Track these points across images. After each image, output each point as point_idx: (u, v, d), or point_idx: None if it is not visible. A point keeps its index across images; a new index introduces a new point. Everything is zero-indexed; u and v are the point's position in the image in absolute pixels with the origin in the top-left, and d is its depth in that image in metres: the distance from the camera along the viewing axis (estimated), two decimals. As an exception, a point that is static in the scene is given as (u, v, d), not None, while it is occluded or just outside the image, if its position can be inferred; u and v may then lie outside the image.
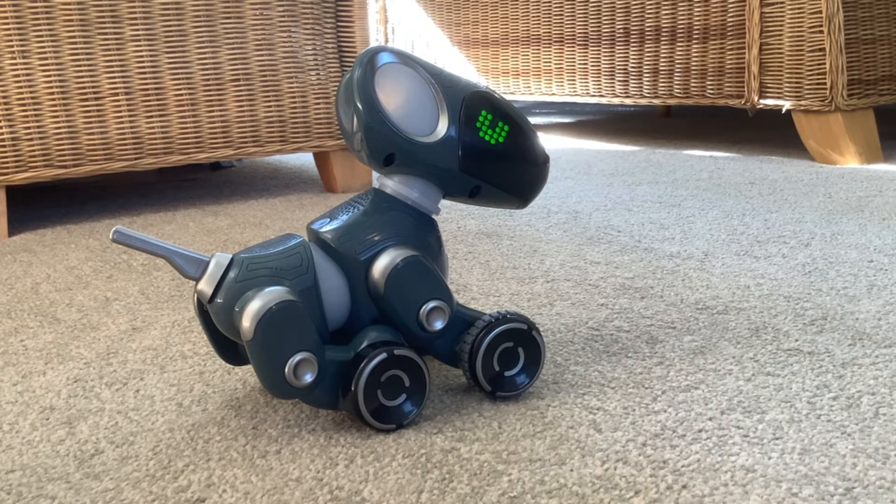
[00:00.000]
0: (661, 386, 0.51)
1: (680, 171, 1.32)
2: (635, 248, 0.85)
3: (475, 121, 0.50)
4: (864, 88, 1.28)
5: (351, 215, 0.50)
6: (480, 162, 0.50)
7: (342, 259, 0.49)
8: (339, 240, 0.49)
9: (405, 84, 0.49)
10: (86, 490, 0.42)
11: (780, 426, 0.45)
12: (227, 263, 0.47)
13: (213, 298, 0.46)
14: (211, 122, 1.14)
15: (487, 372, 0.49)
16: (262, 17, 1.16)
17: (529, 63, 1.77)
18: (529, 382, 0.51)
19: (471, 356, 0.49)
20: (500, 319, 0.50)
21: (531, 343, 0.50)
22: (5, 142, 1.02)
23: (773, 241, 0.85)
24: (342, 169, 1.25)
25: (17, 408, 0.53)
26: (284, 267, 0.47)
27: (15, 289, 0.80)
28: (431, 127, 0.49)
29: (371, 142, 0.48)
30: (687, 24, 1.44)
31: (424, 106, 0.49)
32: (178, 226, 1.06)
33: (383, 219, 0.49)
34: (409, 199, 0.50)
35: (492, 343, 0.49)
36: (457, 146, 0.49)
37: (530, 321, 0.51)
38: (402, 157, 0.49)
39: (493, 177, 0.51)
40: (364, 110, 0.47)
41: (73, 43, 1.04)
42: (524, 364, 0.50)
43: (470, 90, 0.50)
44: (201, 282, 0.47)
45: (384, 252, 0.48)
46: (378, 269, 0.48)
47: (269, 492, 0.41)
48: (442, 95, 0.49)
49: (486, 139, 0.50)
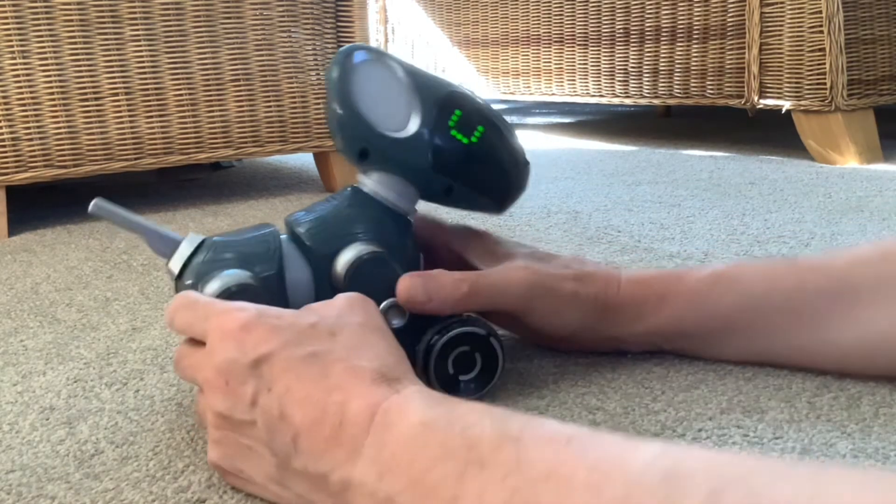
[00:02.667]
0: (660, 386, 0.51)
1: (680, 171, 1.32)
2: (635, 248, 0.85)
3: (447, 119, 0.50)
4: (864, 88, 1.28)
5: (325, 210, 0.51)
6: (452, 161, 0.50)
7: (308, 251, 0.49)
8: (308, 232, 0.49)
9: (378, 81, 0.50)
10: (86, 490, 0.42)
11: (780, 426, 0.45)
12: (196, 245, 0.47)
13: (180, 278, 0.47)
14: (211, 122, 1.14)
15: (441, 374, 0.49)
16: (262, 17, 1.16)
17: (529, 63, 1.77)
18: (483, 390, 0.50)
19: (425, 356, 0.49)
20: (458, 322, 0.49)
21: (488, 349, 0.49)
22: (5, 142, 1.02)
23: (773, 241, 0.85)
24: (342, 169, 1.25)
25: (17, 408, 0.53)
26: (251, 253, 0.48)
27: (15, 289, 0.80)
28: (403, 123, 0.50)
29: (345, 136, 0.49)
30: (687, 24, 1.44)
31: (397, 102, 0.50)
32: (178, 226, 1.06)
33: (354, 214, 0.50)
34: (384, 199, 0.51)
35: (446, 345, 0.49)
36: (428, 143, 0.50)
37: (491, 327, 0.50)
38: (374, 153, 0.49)
39: (465, 177, 0.51)
40: (338, 105, 0.49)
41: (73, 43, 1.04)
42: (480, 370, 0.50)
43: (445, 90, 0.50)
44: (171, 261, 0.48)
45: (349, 246, 0.49)
46: (341, 262, 0.48)
47: (269, 492, 0.41)
48: (416, 93, 0.50)
49: (457, 138, 0.50)
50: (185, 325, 0.43)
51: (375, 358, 0.39)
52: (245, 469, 0.39)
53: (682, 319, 0.52)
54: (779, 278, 0.51)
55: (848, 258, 0.50)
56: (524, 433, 0.31)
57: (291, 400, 0.37)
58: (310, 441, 0.36)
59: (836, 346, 0.49)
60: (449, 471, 0.31)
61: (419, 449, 0.32)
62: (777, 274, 0.52)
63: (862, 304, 0.48)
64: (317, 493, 0.36)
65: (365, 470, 0.34)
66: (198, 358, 0.41)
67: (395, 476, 0.33)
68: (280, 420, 0.36)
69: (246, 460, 0.39)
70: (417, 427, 0.33)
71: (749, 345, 0.52)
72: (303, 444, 0.36)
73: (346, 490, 0.34)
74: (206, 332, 0.40)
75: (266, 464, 0.38)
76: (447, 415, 0.34)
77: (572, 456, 0.29)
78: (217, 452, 0.40)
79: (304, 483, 0.37)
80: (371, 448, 0.34)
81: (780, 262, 0.53)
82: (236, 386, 0.38)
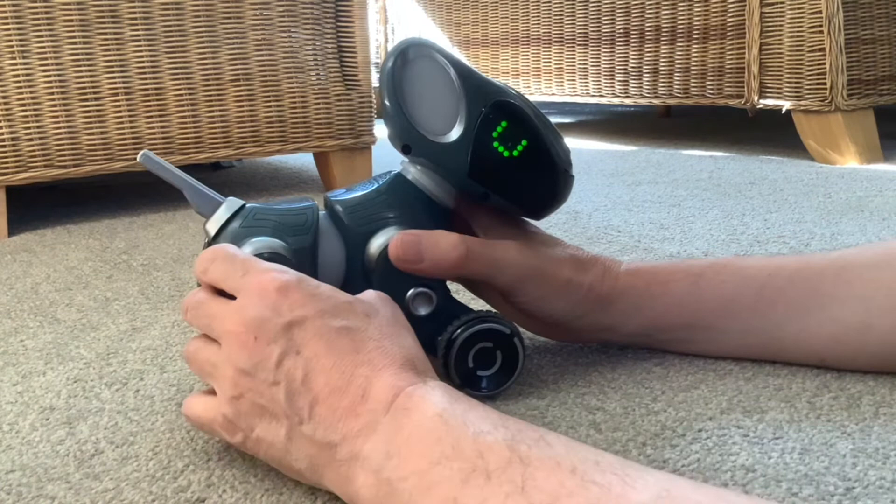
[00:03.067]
0: (660, 386, 0.51)
1: (680, 171, 1.32)
2: (635, 248, 0.85)
3: (492, 130, 0.49)
4: (864, 88, 1.28)
5: (366, 190, 0.51)
6: (490, 172, 0.49)
7: (345, 229, 0.50)
8: (347, 210, 0.50)
9: (429, 80, 0.49)
10: (86, 490, 0.42)
11: (780, 426, 0.45)
12: (235, 209, 0.48)
13: (215, 240, 0.48)
14: (211, 122, 1.14)
15: (460, 367, 0.49)
16: (262, 17, 1.16)
17: (529, 63, 1.77)
18: (500, 388, 0.50)
19: (447, 347, 0.49)
20: (483, 318, 0.49)
21: (511, 348, 0.50)
22: (5, 142, 1.02)
23: (772, 241, 0.85)
24: (342, 169, 1.25)
25: (17, 408, 0.53)
26: (287, 224, 0.48)
27: (15, 289, 0.80)
28: (447, 127, 0.49)
29: (391, 130, 0.50)
30: (687, 24, 1.44)
31: (444, 105, 0.49)
32: (178, 226, 1.06)
33: (394, 199, 0.50)
34: (425, 188, 0.51)
35: (469, 340, 0.49)
36: (468, 152, 0.49)
37: (514, 326, 0.50)
38: (415, 151, 0.50)
39: (502, 188, 0.50)
40: (387, 99, 0.49)
41: (73, 43, 1.04)
42: (500, 368, 0.50)
43: (494, 98, 0.49)
44: (208, 222, 0.48)
45: (384, 229, 0.49)
46: (374, 244, 0.49)
47: (268, 491, 0.41)
48: (465, 98, 0.49)
49: (499, 150, 0.49)
50: (220, 275, 0.42)
51: (405, 347, 0.39)
52: (257, 428, 0.39)
53: (683, 306, 0.52)
54: (784, 261, 0.52)
55: (852, 249, 0.52)
56: (532, 454, 0.31)
57: (318, 366, 0.37)
58: (326, 408, 0.36)
59: (839, 326, 0.49)
60: (455, 472, 0.31)
61: (432, 442, 0.33)
62: (782, 259, 0.53)
63: (862, 280, 0.49)
64: (319, 462, 0.37)
65: (375, 447, 0.34)
66: (223, 308, 0.41)
67: (403, 461, 0.33)
68: (302, 384, 0.37)
69: (260, 419, 0.39)
70: (435, 419, 0.34)
71: (749, 333, 0.52)
72: (318, 411, 0.36)
73: (352, 462, 0.35)
74: (241, 287, 0.41)
75: (276, 426, 0.38)
76: (464, 415, 0.34)
77: (575, 487, 0.29)
78: (231, 409, 0.40)
79: (309, 450, 0.37)
80: (386, 426, 0.35)
81: (785, 255, 0.55)
82: (264, 344, 0.38)
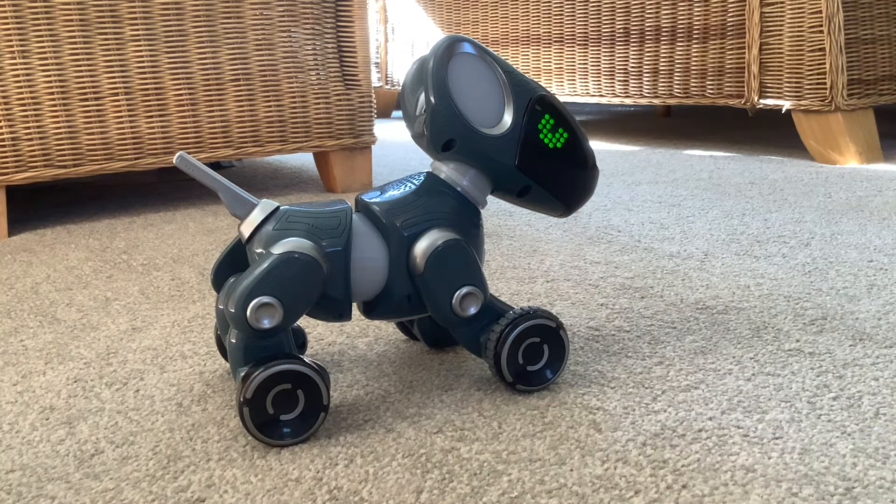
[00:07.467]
0: (661, 386, 0.51)
1: (680, 171, 1.32)
2: (635, 247, 0.85)
3: (538, 122, 0.51)
4: (864, 88, 1.28)
5: (402, 192, 0.52)
6: (536, 162, 0.51)
7: (387, 232, 0.50)
8: (387, 213, 0.50)
9: (476, 75, 0.51)
10: (86, 490, 0.42)
11: (781, 426, 0.45)
12: (270, 211, 0.49)
13: (250, 241, 0.49)
14: (211, 122, 1.14)
15: (512, 365, 0.50)
16: (262, 17, 1.16)
17: (529, 63, 1.77)
18: (552, 378, 0.52)
19: (497, 348, 0.50)
20: (528, 314, 0.51)
21: (556, 340, 0.51)
22: (5, 142, 1.02)
23: (773, 240, 0.85)
24: (342, 169, 1.25)
25: (17, 408, 0.53)
26: (321, 226, 0.49)
27: (15, 289, 0.80)
28: (496, 120, 0.51)
29: (435, 125, 0.50)
30: (687, 24, 1.44)
31: (492, 99, 0.51)
32: (178, 226, 1.06)
33: (432, 200, 0.51)
34: (460, 186, 0.51)
35: (518, 337, 0.50)
36: (516, 143, 0.51)
37: (558, 319, 0.51)
38: (461, 145, 0.50)
39: (546, 179, 0.52)
40: (433, 93, 0.49)
41: (73, 43, 1.04)
42: (547, 360, 0.51)
43: (537, 93, 0.51)
44: (243, 224, 0.49)
45: (428, 232, 0.50)
46: (421, 247, 0.49)
47: (268, 492, 0.41)
48: (511, 92, 0.51)
49: (545, 141, 0.51)
50: None
51: None
52: None
53: None
54: None
55: None
56: None
57: None
58: None
59: None
60: None
61: None
62: None
63: None
64: None
65: None
66: None
67: None
68: None
69: None
70: None
71: None
72: None
73: None
74: None
75: None
76: None
77: None
78: None
79: None
80: None
81: None
82: None
